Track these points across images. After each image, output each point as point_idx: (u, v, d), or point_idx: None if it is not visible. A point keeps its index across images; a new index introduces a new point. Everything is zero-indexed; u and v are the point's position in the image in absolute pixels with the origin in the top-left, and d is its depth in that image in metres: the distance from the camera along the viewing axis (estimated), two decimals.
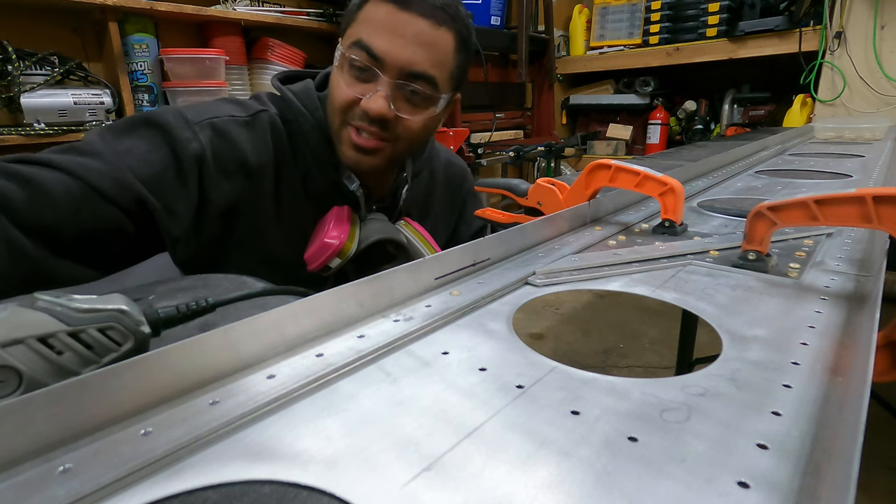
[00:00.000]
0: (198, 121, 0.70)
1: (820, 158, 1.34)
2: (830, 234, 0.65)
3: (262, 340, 0.35)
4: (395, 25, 0.69)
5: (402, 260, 0.82)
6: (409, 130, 0.75)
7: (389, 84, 0.70)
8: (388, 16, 0.69)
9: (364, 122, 0.73)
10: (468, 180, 1.07)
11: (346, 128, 0.75)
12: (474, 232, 1.07)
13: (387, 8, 0.69)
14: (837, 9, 2.30)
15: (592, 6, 3.24)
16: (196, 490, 0.25)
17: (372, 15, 0.70)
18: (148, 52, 1.77)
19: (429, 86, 0.73)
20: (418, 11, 0.69)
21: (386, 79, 0.70)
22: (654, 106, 3.20)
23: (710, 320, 0.43)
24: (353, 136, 0.74)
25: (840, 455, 0.25)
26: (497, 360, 0.37)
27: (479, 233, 1.07)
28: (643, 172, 0.67)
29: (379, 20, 0.69)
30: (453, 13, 0.72)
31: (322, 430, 0.29)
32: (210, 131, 0.71)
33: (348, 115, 0.74)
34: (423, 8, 0.69)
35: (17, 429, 0.25)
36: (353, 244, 0.75)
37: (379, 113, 0.71)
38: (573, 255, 0.58)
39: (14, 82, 1.50)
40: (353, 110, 0.73)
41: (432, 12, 0.70)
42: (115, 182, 0.62)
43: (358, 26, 0.71)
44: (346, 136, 0.75)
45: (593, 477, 0.25)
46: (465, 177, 1.06)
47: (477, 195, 1.09)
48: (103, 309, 0.33)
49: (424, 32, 0.70)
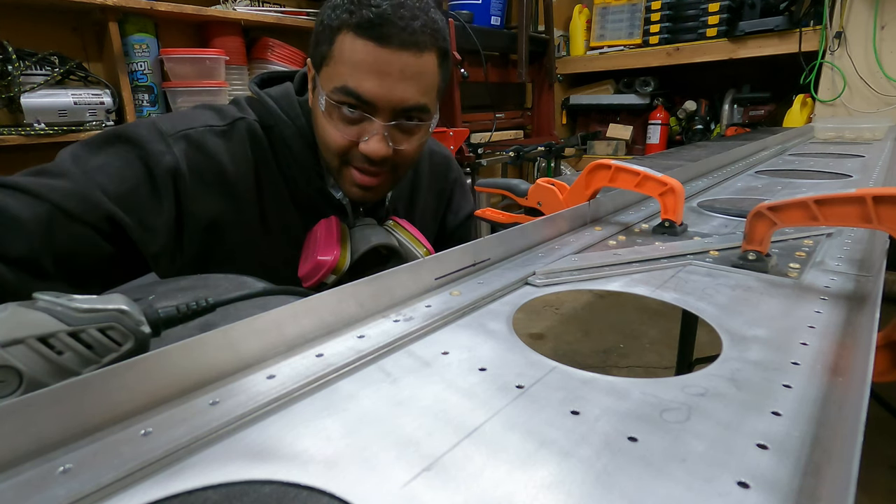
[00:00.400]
0: (172, 133, 0.69)
1: (820, 158, 1.34)
2: (830, 234, 0.65)
3: (262, 340, 0.35)
4: (378, 65, 0.65)
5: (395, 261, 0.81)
6: (407, 157, 0.75)
7: (384, 126, 0.69)
8: (369, 56, 0.65)
9: (365, 164, 0.72)
10: (453, 169, 1.04)
11: (347, 168, 0.74)
12: (461, 221, 1.04)
13: (366, 47, 0.65)
14: (837, 9, 2.30)
15: (592, 6, 3.24)
16: (196, 490, 0.25)
17: (350, 54, 0.66)
18: (148, 52, 1.77)
19: (422, 113, 0.72)
20: (400, 45, 0.65)
21: (380, 122, 0.69)
22: (654, 106, 3.20)
23: (710, 320, 0.43)
24: (357, 176, 0.74)
25: (840, 455, 0.25)
26: (497, 360, 0.37)
27: (466, 221, 1.05)
28: (643, 172, 0.67)
29: (359, 61, 0.65)
30: (432, 30, 0.68)
31: (322, 430, 0.29)
32: (185, 143, 0.70)
33: (347, 156, 0.72)
34: (404, 39, 0.65)
35: (17, 429, 0.25)
36: (346, 259, 0.74)
37: (380, 156, 0.70)
38: (573, 255, 0.58)
39: (14, 82, 1.50)
40: (352, 152, 0.72)
41: (414, 41, 0.66)
42: (81, 200, 0.62)
43: (337, 67, 0.67)
44: (349, 176, 0.74)
45: (593, 477, 0.25)
46: (449, 166, 1.03)
47: (464, 184, 1.06)
48: (103, 309, 0.33)
49: (410, 65, 0.66)
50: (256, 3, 2.10)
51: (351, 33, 0.65)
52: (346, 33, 0.65)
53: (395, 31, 0.64)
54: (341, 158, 0.73)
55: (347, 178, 0.75)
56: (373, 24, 0.64)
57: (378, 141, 0.69)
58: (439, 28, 0.69)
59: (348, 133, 0.70)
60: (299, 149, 0.77)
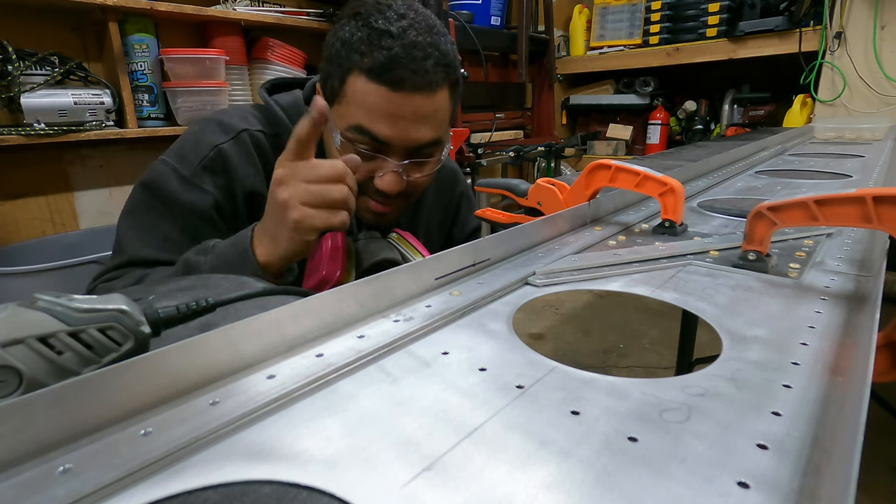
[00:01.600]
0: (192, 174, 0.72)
1: (820, 158, 1.34)
2: (830, 234, 0.65)
3: (262, 340, 0.35)
4: (392, 110, 0.65)
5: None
6: (421, 185, 0.76)
7: (398, 164, 0.70)
8: (381, 100, 0.65)
9: (380, 197, 0.73)
10: (460, 182, 1.04)
11: (362, 197, 0.75)
12: (469, 234, 1.05)
13: (379, 91, 0.64)
14: (837, 9, 2.30)
15: (592, 6, 3.24)
16: (196, 490, 0.25)
17: (363, 97, 0.66)
18: (148, 52, 1.77)
19: (435, 147, 0.73)
20: (413, 88, 0.65)
21: (394, 161, 0.70)
22: (654, 106, 3.20)
23: (710, 320, 0.43)
24: (372, 205, 0.75)
25: (840, 455, 0.25)
26: (497, 360, 0.37)
27: (473, 234, 1.05)
28: (643, 172, 0.67)
29: (372, 104, 0.65)
30: (444, 66, 0.67)
31: (322, 430, 0.29)
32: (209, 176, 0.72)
33: (361, 187, 0.73)
34: (417, 82, 0.65)
35: (17, 429, 0.25)
36: (352, 275, 0.74)
37: (395, 192, 0.71)
38: (573, 256, 0.58)
39: (14, 82, 1.50)
40: (367, 185, 0.72)
41: (426, 82, 0.65)
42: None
43: (349, 107, 0.67)
44: (363, 205, 0.76)
45: (593, 477, 0.25)
46: (456, 179, 1.03)
47: (471, 198, 1.07)
48: (103, 309, 0.33)
49: (423, 107, 0.67)
50: (256, 3, 2.10)
51: (363, 76, 0.65)
52: (357, 75, 0.65)
53: (408, 75, 0.64)
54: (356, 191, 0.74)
55: (362, 206, 0.76)
56: (385, 68, 0.64)
57: (392, 177, 0.70)
58: (450, 61, 0.69)
59: (363, 169, 0.70)
60: None
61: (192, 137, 0.76)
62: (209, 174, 0.72)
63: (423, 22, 0.67)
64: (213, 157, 0.73)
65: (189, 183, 0.71)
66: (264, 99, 0.80)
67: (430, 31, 0.67)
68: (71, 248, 1.72)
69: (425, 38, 0.66)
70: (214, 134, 0.75)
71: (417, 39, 0.65)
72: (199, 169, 0.72)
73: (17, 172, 1.68)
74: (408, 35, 0.65)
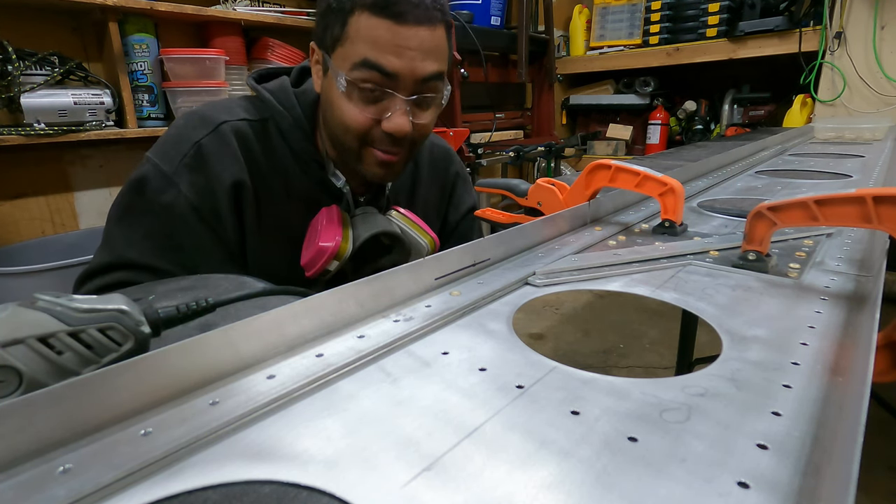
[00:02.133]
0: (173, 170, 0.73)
1: (820, 158, 1.34)
2: (830, 234, 0.65)
3: (262, 340, 0.35)
4: (398, 41, 0.67)
5: (398, 250, 0.81)
6: (424, 131, 0.76)
7: (406, 100, 0.70)
8: (387, 32, 0.66)
9: (386, 143, 0.73)
10: (454, 162, 1.04)
11: (367, 148, 0.75)
12: (463, 214, 1.04)
13: (383, 24, 0.66)
14: (837, 9, 2.30)
15: (592, 6, 3.24)
16: (196, 490, 0.25)
17: (368, 32, 0.67)
18: (148, 52, 1.77)
19: (439, 82, 0.73)
20: (415, 20, 0.67)
21: (402, 97, 0.70)
22: (654, 106, 3.20)
23: (710, 320, 0.43)
24: (380, 155, 0.75)
25: (840, 455, 0.25)
26: (497, 360, 0.37)
27: (468, 215, 1.05)
28: (643, 172, 0.67)
29: (378, 37, 0.67)
30: (440, 5, 0.70)
31: (322, 430, 0.29)
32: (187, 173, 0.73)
33: (367, 137, 0.73)
34: (418, 15, 0.67)
35: (17, 429, 0.25)
36: (349, 244, 0.75)
37: (404, 132, 0.71)
38: (573, 256, 0.58)
39: (14, 82, 1.50)
40: (372, 132, 0.73)
41: (427, 16, 0.68)
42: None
43: (354, 45, 0.68)
44: (370, 157, 0.75)
45: (593, 477, 0.25)
46: (450, 159, 1.03)
47: (467, 177, 1.07)
48: (103, 309, 0.33)
49: (426, 39, 0.69)
50: (256, 3, 2.10)
51: (366, 13, 0.66)
52: (360, 13, 0.67)
53: (409, 9, 0.67)
54: (361, 139, 0.74)
55: (368, 158, 0.76)
56: (388, 2, 0.66)
57: (401, 116, 0.71)
58: (444, 2, 0.72)
59: (370, 112, 0.71)
60: (297, 139, 0.78)
61: (175, 132, 0.77)
62: (188, 171, 0.73)
63: None
64: (192, 155, 0.73)
65: (169, 181, 0.72)
66: (252, 87, 0.81)
67: None
68: (71, 248, 1.72)
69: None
70: (195, 129, 0.76)
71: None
72: (179, 166, 0.73)
73: (17, 172, 1.68)
74: None
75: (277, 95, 0.79)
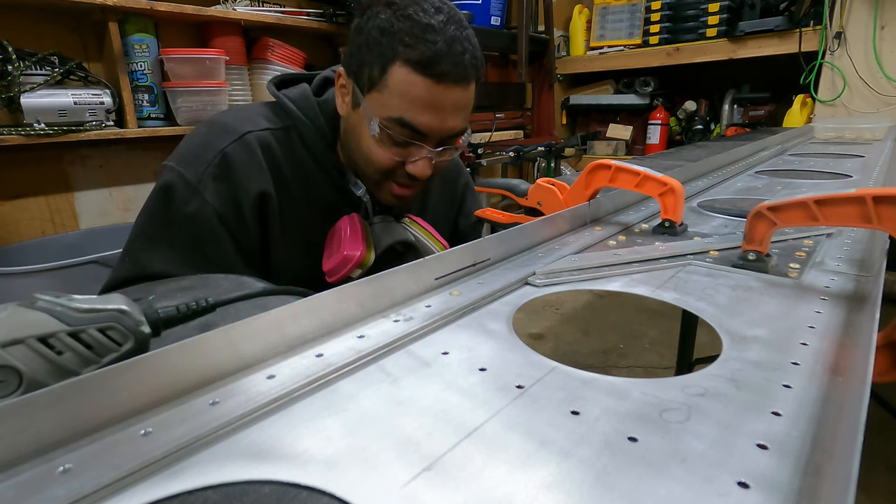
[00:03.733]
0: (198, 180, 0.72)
1: (820, 159, 1.34)
2: (830, 234, 0.65)
3: (262, 340, 0.35)
4: (434, 101, 0.68)
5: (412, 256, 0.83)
6: (443, 168, 0.79)
7: (432, 151, 0.72)
8: (426, 93, 0.67)
9: (407, 181, 0.76)
10: (463, 174, 1.07)
11: (387, 182, 0.77)
12: (473, 224, 1.07)
13: (423, 83, 0.67)
14: (837, 9, 2.30)
15: (592, 6, 3.24)
16: (196, 490, 0.25)
17: (407, 88, 0.67)
18: (148, 52, 1.77)
19: (463, 135, 0.76)
20: (454, 81, 0.68)
21: (428, 147, 0.72)
22: (654, 106, 3.20)
23: (710, 320, 0.43)
24: (397, 189, 0.78)
25: (840, 455, 0.25)
26: (497, 360, 0.37)
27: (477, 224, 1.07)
28: (643, 172, 0.67)
29: (416, 96, 0.68)
30: (478, 61, 0.71)
31: (322, 430, 0.29)
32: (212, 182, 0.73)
33: (389, 173, 0.76)
34: (458, 75, 0.68)
35: (17, 429, 0.25)
36: (372, 254, 0.76)
37: (426, 177, 0.74)
38: (573, 256, 0.58)
39: (14, 82, 1.50)
40: (395, 169, 0.75)
41: (465, 76, 0.69)
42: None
43: (392, 98, 0.69)
44: (388, 188, 0.78)
45: (593, 477, 0.25)
46: (460, 171, 1.06)
47: (473, 189, 1.10)
48: (103, 309, 0.33)
49: (461, 98, 0.70)
50: (256, 3, 2.10)
51: (407, 67, 0.67)
52: (401, 65, 0.67)
53: (450, 69, 0.67)
54: (383, 174, 0.76)
55: (386, 189, 0.78)
56: (431, 62, 0.66)
57: (425, 163, 0.73)
58: (480, 55, 0.72)
59: (397, 155, 0.73)
60: (320, 149, 0.79)
61: (199, 140, 0.77)
62: (213, 181, 0.73)
63: (456, 16, 0.70)
64: (218, 164, 0.74)
65: (194, 190, 0.72)
66: (273, 94, 0.81)
67: (462, 26, 0.70)
68: (71, 248, 1.72)
69: (461, 33, 0.69)
70: (219, 138, 0.76)
71: (456, 34, 0.68)
72: (204, 175, 0.73)
73: (17, 172, 1.68)
74: (448, 30, 0.67)
75: (300, 104, 0.79)
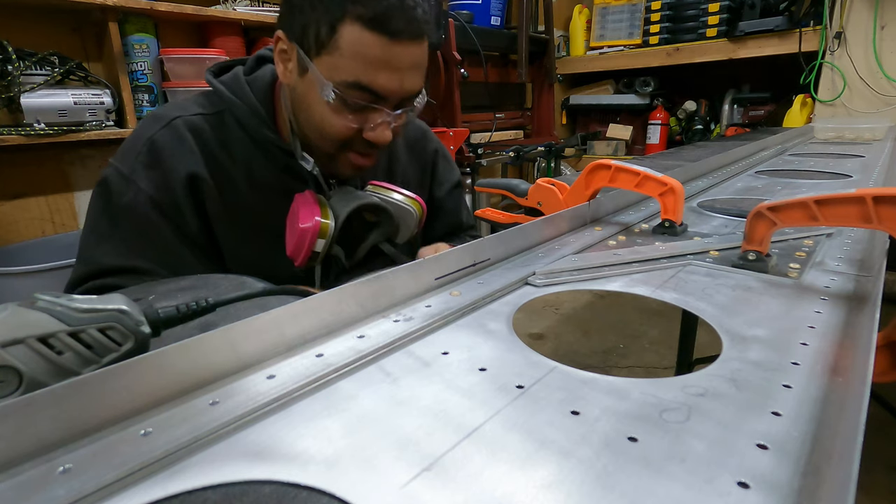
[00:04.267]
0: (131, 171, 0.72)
1: (820, 159, 1.34)
2: (830, 234, 0.65)
3: (262, 340, 0.35)
4: (390, 59, 0.65)
5: (386, 221, 0.80)
6: (398, 135, 0.76)
7: (391, 113, 0.70)
8: (381, 51, 0.65)
9: (366, 149, 0.74)
10: (431, 140, 1.02)
11: (345, 152, 0.75)
12: (448, 190, 1.03)
13: (378, 42, 0.64)
14: (837, 9, 2.30)
15: (592, 6, 3.24)
16: (196, 490, 0.25)
17: (361, 49, 0.65)
18: (148, 52, 1.77)
19: (419, 96, 0.73)
20: (409, 37, 0.65)
21: (387, 111, 0.70)
22: (654, 106, 3.20)
23: (710, 320, 0.43)
24: (356, 159, 0.75)
25: (840, 455, 0.25)
26: (497, 360, 0.37)
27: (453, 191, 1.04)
28: (643, 172, 0.67)
29: (372, 56, 0.65)
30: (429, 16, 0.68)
31: (322, 430, 0.29)
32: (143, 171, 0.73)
33: (346, 143, 0.73)
34: (413, 31, 0.65)
35: (17, 429, 0.25)
36: (330, 221, 0.72)
37: (386, 143, 0.72)
38: (573, 256, 0.58)
39: (14, 82, 1.50)
40: (352, 138, 0.72)
41: (419, 31, 0.66)
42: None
43: (344, 60, 0.65)
44: (346, 160, 0.76)
45: (593, 477, 0.25)
46: (426, 137, 1.02)
47: (447, 154, 1.05)
48: (103, 309, 0.33)
49: (416, 55, 0.68)
50: (256, 3, 2.10)
51: (359, 24, 0.64)
52: (352, 23, 0.64)
53: (404, 25, 0.64)
54: (340, 146, 0.74)
55: (344, 161, 0.76)
56: (384, 17, 0.63)
57: (385, 129, 0.71)
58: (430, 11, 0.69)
59: (354, 121, 0.70)
60: (255, 127, 0.76)
61: (133, 134, 0.77)
62: (144, 168, 0.73)
63: None
64: (147, 151, 0.74)
65: (127, 180, 0.72)
66: (209, 81, 0.80)
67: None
68: (71, 248, 1.71)
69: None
70: (148, 127, 0.76)
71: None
72: (135, 164, 0.73)
73: (17, 172, 1.68)
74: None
75: (231, 86, 0.78)
